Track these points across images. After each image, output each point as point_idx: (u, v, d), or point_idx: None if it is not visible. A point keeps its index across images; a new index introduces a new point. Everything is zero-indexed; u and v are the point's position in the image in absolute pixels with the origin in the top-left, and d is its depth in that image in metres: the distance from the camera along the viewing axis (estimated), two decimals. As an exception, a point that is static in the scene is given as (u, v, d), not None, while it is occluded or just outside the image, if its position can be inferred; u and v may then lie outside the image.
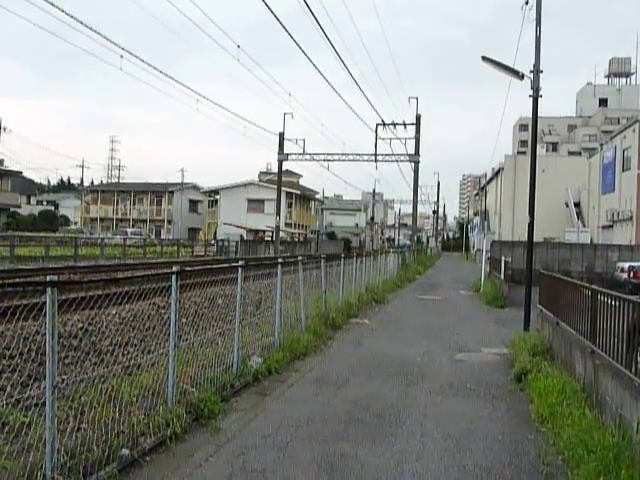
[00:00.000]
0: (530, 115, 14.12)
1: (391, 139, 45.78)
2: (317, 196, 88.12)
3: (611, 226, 42.16)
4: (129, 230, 64.58)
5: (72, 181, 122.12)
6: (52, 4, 17.28)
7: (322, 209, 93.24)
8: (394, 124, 45.25)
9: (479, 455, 5.87)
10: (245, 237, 60.79)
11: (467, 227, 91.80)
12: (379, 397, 7.95)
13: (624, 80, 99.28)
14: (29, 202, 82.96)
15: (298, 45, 20.24)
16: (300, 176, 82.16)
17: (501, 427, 6.82)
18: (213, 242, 56.61)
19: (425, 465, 5.59)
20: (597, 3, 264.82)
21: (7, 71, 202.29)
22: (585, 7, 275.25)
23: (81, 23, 18.69)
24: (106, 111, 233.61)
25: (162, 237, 67.52)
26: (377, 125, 44.63)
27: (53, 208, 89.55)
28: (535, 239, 14.17)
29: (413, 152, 46.78)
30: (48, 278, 4.53)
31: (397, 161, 48.30)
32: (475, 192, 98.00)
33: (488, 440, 6.34)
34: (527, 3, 13.44)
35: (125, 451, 5.22)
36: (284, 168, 53.08)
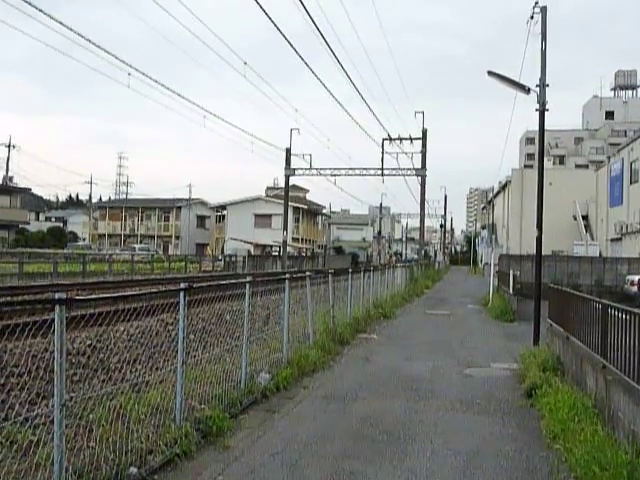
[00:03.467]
0: (536, 128, 14.11)
1: (398, 153, 45.91)
2: (324, 211, 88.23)
3: (620, 239, 41.94)
4: (137, 246, 64.78)
5: (80, 197, 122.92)
6: (61, 23, 17.52)
7: (329, 224, 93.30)
8: (400, 139, 45.37)
9: (490, 473, 5.80)
10: (252, 252, 60.88)
11: (475, 241, 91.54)
12: (388, 413, 7.89)
13: (630, 93, 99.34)
14: (38, 219, 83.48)
15: (304, 61, 20.37)
16: (307, 191, 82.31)
17: (512, 444, 6.75)
18: (220, 257, 56.69)
19: (435, 483, 5.53)
20: (602, 17, 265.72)
21: (17, 88, 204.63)
22: (590, 21, 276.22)
23: (89, 41, 18.92)
24: (114, 128, 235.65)
25: (170, 253, 67.71)
26: (383, 140, 44.75)
27: (61, 224, 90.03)
28: (543, 252, 14.10)
29: (420, 166, 46.83)
30: (56, 296, 4.52)
31: (404, 175, 48.41)
32: (482, 205, 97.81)
33: (499, 457, 6.26)
34: (532, 17, 13.48)
35: (133, 469, 5.19)
36: (291, 183, 53.20)
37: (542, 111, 13.38)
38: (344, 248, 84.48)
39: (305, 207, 75.13)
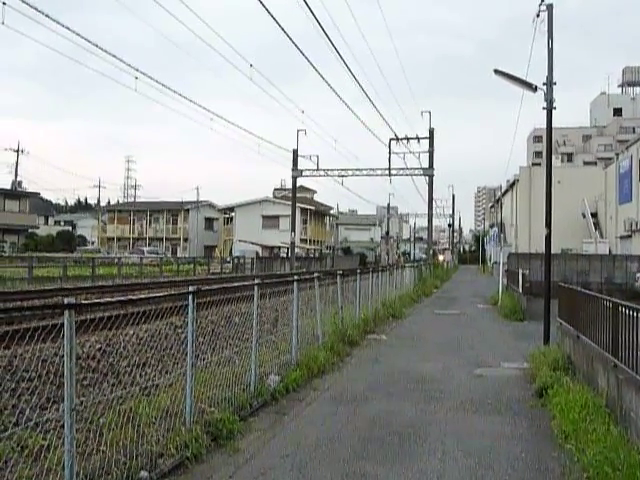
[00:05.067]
0: (544, 126, 14.04)
1: (405, 153, 45.90)
2: (332, 211, 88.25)
3: (630, 236, 41.69)
4: (145, 249, 65.03)
5: (89, 201, 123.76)
6: (68, 28, 17.61)
7: (337, 224, 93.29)
8: (407, 138, 45.36)
9: (502, 474, 5.77)
10: (260, 254, 60.93)
11: (483, 240, 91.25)
12: (398, 415, 7.87)
13: (638, 89, 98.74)
14: (47, 223, 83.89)
15: (310, 63, 20.41)
16: (314, 192, 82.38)
17: (523, 444, 6.71)
18: (229, 259, 56.78)
19: (447, 484, 5.51)
20: (609, 14, 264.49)
21: (25, 93, 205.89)
22: (597, 17, 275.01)
23: (96, 46, 19.05)
24: (122, 131, 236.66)
25: (178, 255, 67.89)
26: (390, 140, 44.78)
27: (70, 228, 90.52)
28: (552, 251, 14.03)
29: (427, 166, 46.80)
30: (66, 301, 4.54)
31: (411, 175, 48.39)
32: (490, 204, 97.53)
33: (510, 458, 6.23)
34: (538, 16, 13.40)
35: (144, 473, 5.20)
36: (298, 184, 53.28)
37: (549, 109, 13.30)
38: (352, 248, 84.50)
39: (313, 208, 75.16)
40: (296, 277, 10.73)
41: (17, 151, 63.73)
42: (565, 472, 5.76)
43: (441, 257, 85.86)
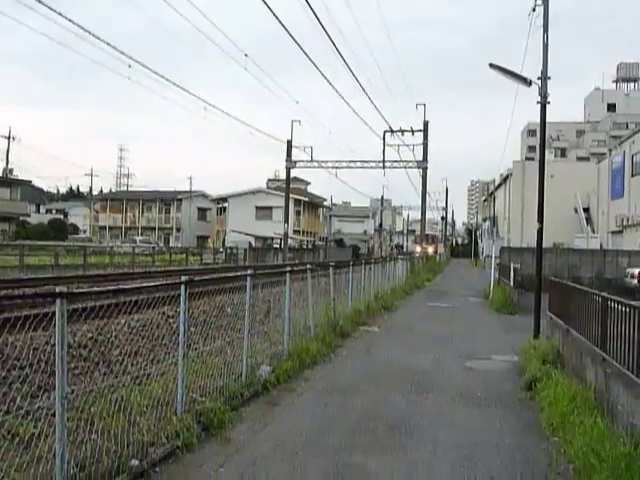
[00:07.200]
0: (538, 120, 14.08)
1: (399, 146, 45.93)
2: (325, 203, 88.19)
3: (621, 231, 41.89)
4: (138, 238, 64.78)
5: (81, 190, 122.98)
6: (60, 14, 17.46)
7: (330, 216, 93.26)
8: (402, 131, 45.39)
9: (490, 465, 5.83)
10: (253, 244, 60.86)
11: (476, 233, 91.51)
12: (389, 406, 7.92)
13: (632, 85, 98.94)
14: (38, 211, 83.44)
15: (306, 54, 20.33)
16: (308, 183, 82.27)
17: (512, 436, 6.77)
18: (222, 250, 56.67)
19: (436, 476, 5.57)
20: (605, 10, 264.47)
21: (18, 80, 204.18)
22: (592, 13, 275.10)
23: (89, 33, 18.89)
24: (115, 120, 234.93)
25: (171, 245, 67.73)
26: (385, 132, 44.78)
27: (62, 217, 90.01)
28: (544, 245, 14.10)
29: (421, 158, 46.85)
30: (57, 289, 4.54)
31: (405, 167, 48.43)
32: (483, 198, 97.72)
33: (499, 449, 6.29)
34: (534, 10, 13.42)
35: (135, 462, 5.22)
36: (292, 175, 53.19)
37: (544, 104, 13.34)
38: (345, 240, 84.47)
39: (306, 199, 75.08)
40: (289, 268, 10.75)
41: (8, 138, 63.29)
42: (552, 463, 5.83)
43: (430, 249, 77.23)
